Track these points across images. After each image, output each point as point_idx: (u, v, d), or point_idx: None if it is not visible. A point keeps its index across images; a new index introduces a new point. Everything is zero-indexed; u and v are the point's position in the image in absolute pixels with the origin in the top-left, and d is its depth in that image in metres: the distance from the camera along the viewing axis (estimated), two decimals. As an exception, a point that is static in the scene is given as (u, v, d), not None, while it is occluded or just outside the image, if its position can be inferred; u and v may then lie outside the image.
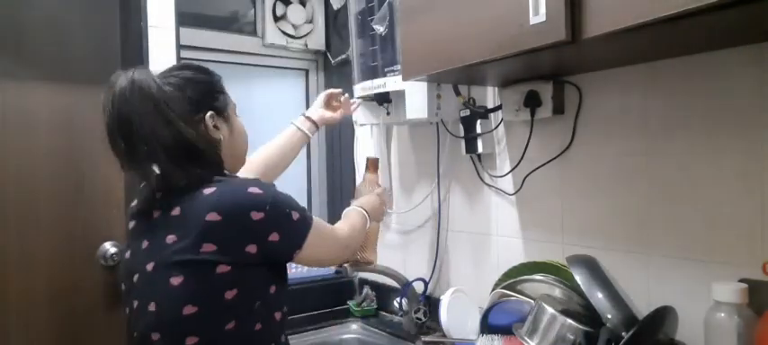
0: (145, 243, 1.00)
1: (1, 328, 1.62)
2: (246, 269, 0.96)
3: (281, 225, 0.98)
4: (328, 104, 1.53)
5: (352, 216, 1.30)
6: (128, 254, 1.05)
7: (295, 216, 1.01)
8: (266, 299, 1.01)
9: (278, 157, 1.40)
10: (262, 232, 0.96)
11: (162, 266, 0.95)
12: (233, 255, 0.94)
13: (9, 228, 1.63)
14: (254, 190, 0.97)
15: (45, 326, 1.67)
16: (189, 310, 0.93)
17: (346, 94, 1.55)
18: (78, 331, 1.72)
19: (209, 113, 1.04)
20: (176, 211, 0.96)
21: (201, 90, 1.05)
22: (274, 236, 0.97)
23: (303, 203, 2.22)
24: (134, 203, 1.09)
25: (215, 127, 1.05)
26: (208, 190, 0.96)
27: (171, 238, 0.95)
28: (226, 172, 1.07)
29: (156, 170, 0.96)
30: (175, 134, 0.97)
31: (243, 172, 1.20)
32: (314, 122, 1.48)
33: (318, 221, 1.07)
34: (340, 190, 2.16)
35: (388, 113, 1.63)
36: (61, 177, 1.70)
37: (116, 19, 1.78)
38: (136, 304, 1.00)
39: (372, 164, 1.54)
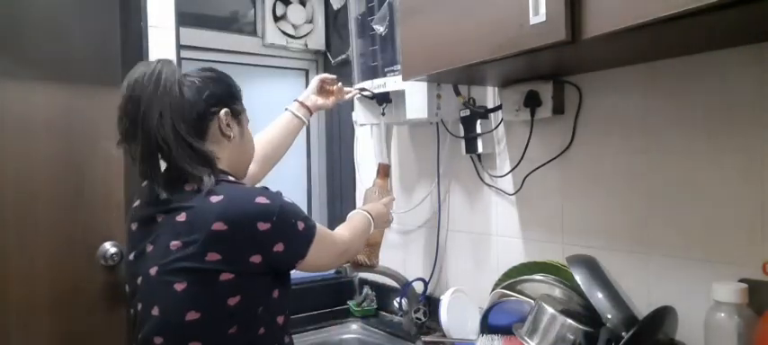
0: (149, 247, 1.00)
1: (1, 328, 1.61)
2: (250, 278, 0.96)
3: (286, 235, 0.98)
4: (321, 90, 1.50)
5: (355, 219, 1.30)
6: (131, 256, 1.04)
7: (300, 226, 1.01)
8: (269, 304, 1.01)
9: (275, 146, 1.39)
10: (267, 242, 0.96)
11: (165, 271, 0.95)
12: (237, 265, 0.94)
13: (9, 229, 1.63)
14: (261, 199, 0.96)
15: (45, 326, 1.67)
16: (192, 316, 0.93)
17: (340, 83, 1.53)
18: (78, 332, 1.72)
19: (224, 110, 1.05)
20: (182, 217, 0.95)
21: (223, 89, 1.07)
22: (279, 247, 0.97)
23: (303, 204, 2.24)
24: (136, 204, 1.08)
25: (228, 125, 1.05)
26: (215, 198, 0.95)
27: (175, 244, 0.94)
28: (231, 176, 1.06)
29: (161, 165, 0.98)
30: (175, 130, 0.97)
31: None
32: (308, 108, 1.47)
33: (321, 228, 1.07)
34: (340, 191, 2.16)
35: (383, 114, 1.63)
36: (61, 177, 1.70)
37: (116, 19, 1.78)
38: (140, 306, 1.00)
39: (383, 170, 1.55)
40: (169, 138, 0.96)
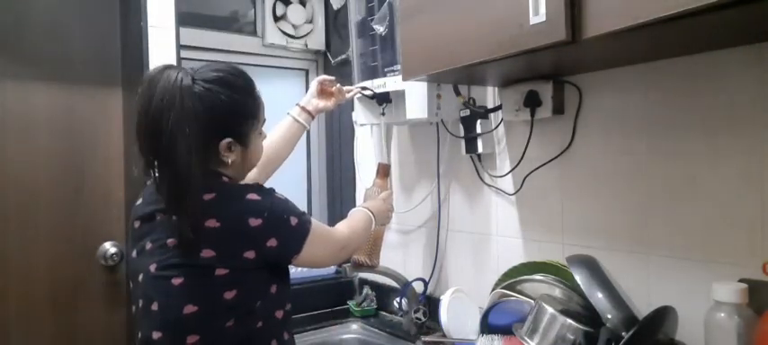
0: (149, 245, 1.01)
1: (1, 328, 1.62)
2: (245, 272, 0.97)
3: (279, 231, 0.99)
4: (322, 92, 1.49)
5: (355, 216, 1.30)
6: (134, 253, 1.06)
7: (293, 221, 1.01)
8: (267, 298, 1.02)
9: (276, 150, 1.38)
10: (260, 238, 0.97)
11: (163, 267, 0.97)
12: (231, 260, 0.95)
13: (9, 228, 1.63)
14: (252, 196, 0.98)
15: (45, 326, 1.68)
16: (189, 309, 0.95)
17: (338, 84, 1.52)
18: (78, 331, 1.72)
19: (226, 141, 1.01)
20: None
21: (230, 112, 1.01)
22: (272, 242, 0.98)
23: (303, 204, 2.23)
24: (139, 202, 1.09)
25: (228, 150, 1.02)
26: (207, 196, 0.96)
27: (172, 241, 0.96)
28: (225, 178, 1.05)
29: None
30: (188, 162, 0.94)
31: None
32: (309, 112, 1.45)
33: (317, 224, 1.07)
34: (340, 191, 2.16)
35: (383, 113, 1.63)
36: (61, 177, 1.70)
37: (116, 19, 1.78)
38: (141, 303, 1.02)
39: (383, 170, 1.54)
40: (183, 170, 0.94)
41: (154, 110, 0.94)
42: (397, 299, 1.77)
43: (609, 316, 1.03)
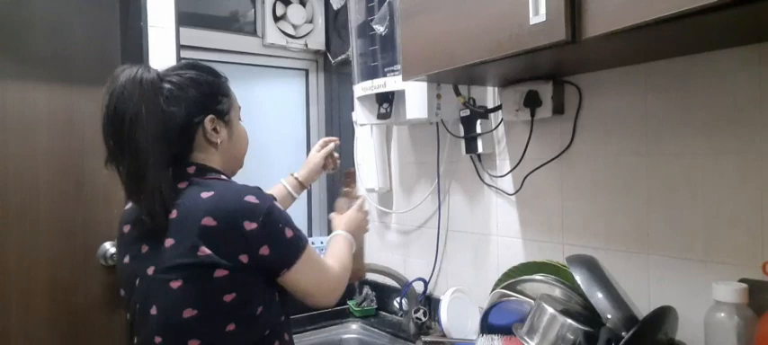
0: (144, 248, 1.00)
1: (1, 328, 1.61)
2: (244, 275, 0.96)
3: (272, 239, 0.97)
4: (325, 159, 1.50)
5: (338, 247, 1.22)
6: (126, 259, 1.04)
7: (288, 233, 0.99)
8: (267, 302, 1.00)
9: None
10: (254, 243, 0.95)
11: (161, 270, 0.95)
12: (228, 261, 0.94)
13: (9, 228, 1.63)
14: (250, 198, 0.96)
15: (45, 326, 1.67)
16: (189, 313, 0.93)
17: (336, 154, 1.52)
18: (78, 331, 1.72)
19: (208, 117, 1.03)
20: (173, 214, 0.96)
21: (204, 91, 1.04)
22: (265, 250, 0.96)
23: (303, 205, 2.23)
24: (128, 207, 1.08)
25: (214, 130, 1.04)
26: (206, 194, 0.95)
27: (169, 242, 0.95)
28: (223, 174, 1.06)
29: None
30: (160, 151, 0.95)
31: None
32: (301, 183, 1.46)
33: (313, 249, 1.05)
34: (340, 192, 2.16)
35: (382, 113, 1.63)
36: (61, 177, 1.70)
37: (116, 19, 1.78)
38: (138, 307, 1.00)
39: (350, 177, 1.52)
40: (156, 160, 0.94)
41: (115, 101, 0.95)
42: (397, 299, 1.78)
43: (609, 316, 1.03)
